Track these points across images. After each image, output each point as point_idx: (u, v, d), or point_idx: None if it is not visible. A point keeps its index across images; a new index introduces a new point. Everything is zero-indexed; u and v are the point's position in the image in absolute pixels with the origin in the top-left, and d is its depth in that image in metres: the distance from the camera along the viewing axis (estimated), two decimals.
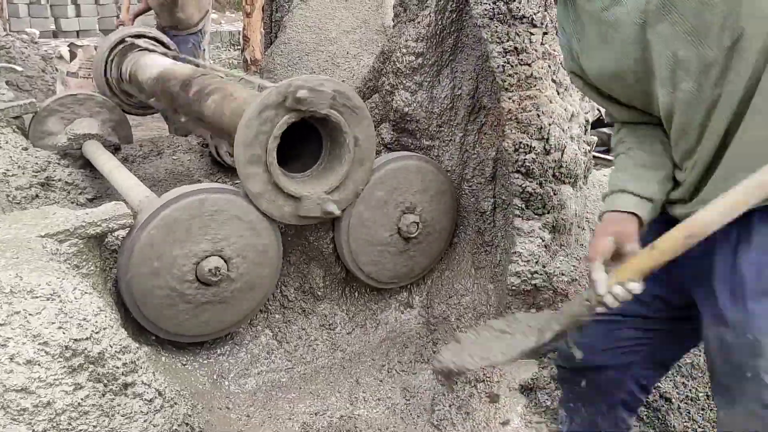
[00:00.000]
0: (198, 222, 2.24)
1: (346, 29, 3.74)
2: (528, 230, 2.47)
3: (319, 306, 2.74)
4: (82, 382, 1.60)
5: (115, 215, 2.05)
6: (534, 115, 2.39)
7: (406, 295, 2.90)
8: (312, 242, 2.68)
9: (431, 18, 2.63)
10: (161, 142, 3.99)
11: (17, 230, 1.90)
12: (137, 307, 2.22)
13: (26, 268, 1.68)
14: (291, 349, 2.60)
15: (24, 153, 3.25)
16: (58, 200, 3.23)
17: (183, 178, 3.67)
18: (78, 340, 1.61)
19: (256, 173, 2.30)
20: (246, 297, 2.43)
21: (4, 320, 1.55)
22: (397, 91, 2.77)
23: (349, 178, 2.50)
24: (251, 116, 2.21)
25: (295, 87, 2.23)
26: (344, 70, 3.55)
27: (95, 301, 1.73)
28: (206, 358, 2.47)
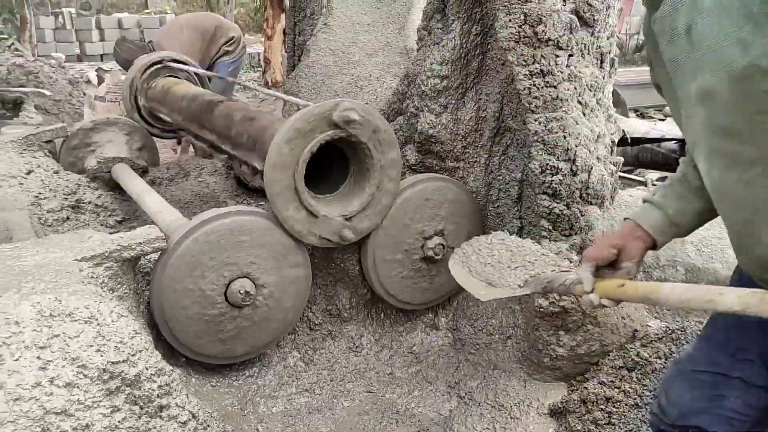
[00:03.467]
0: (228, 244, 2.27)
1: (368, 52, 3.78)
2: (555, 251, 2.47)
3: (345, 327, 2.75)
4: (120, 404, 1.62)
5: (149, 239, 2.09)
6: (560, 137, 2.40)
7: (432, 317, 2.90)
8: (338, 264, 2.70)
9: (456, 42, 2.66)
10: (187, 165, 4.05)
11: (54, 254, 1.94)
12: (169, 328, 2.25)
13: (65, 292, 1.71)
14: (318, 371, 2.61)
15: (55, 176, 3.33)
16: (88, 222, 3.29)
17: (209, 200, 3.71)
18: (115, 362, 1.64)
19: (285, 195, 2.33)
20: (274, 319, 2.45)
21: (44, 343, 1.58)
22: (422, 113, 2.79)
23: (374, 199, 2.53)
24: (283, 139, 2.25)
25: (345, 108, 2.28)
26: (368, 93, 3.59)
27: (131, 323, 1.76)
28: (235, 379, 2.49)
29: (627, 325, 2.51)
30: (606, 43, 2.57)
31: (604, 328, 2.48)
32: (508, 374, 2.59)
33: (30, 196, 3.12)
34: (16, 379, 1.50)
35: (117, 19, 13.56)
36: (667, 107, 8.29)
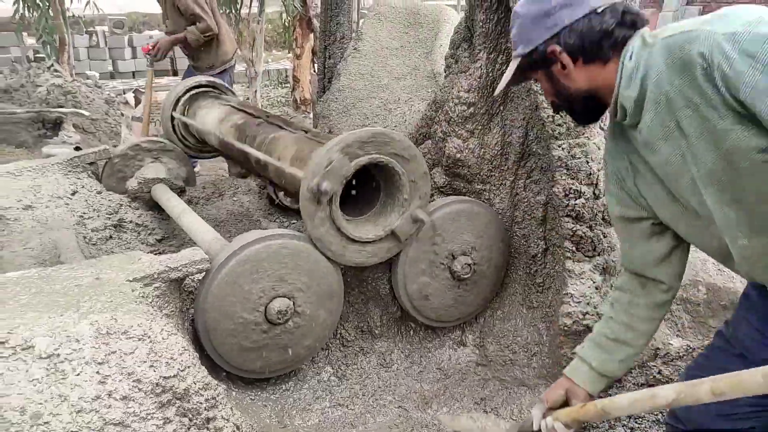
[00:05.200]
0: (267, 266, 2.40)
1: (397, 76, 3.91)
2: (579, 272, 2.56)
3: (376, 344, 2.86)
4: (171, 416, 1.74)
5: (194, 260, 2.22)
6: (583, 162, 2.49)
7: (460, 334, 3.00)
8: (370, 283, 2.82)
9: (482, 70, 2.77)
10: (222, 184, 4.21)
11: (108, 275, 2.08)
12: (212, 344, 2.38)
13: (120, 311, 1.85)
14: (351, 386, 2.71)
15: (98, 196, 3.49)
16: (129, 241, 3.44)
17: (243, 219, 3.85)
18: (166, 377, 1.76)
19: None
20: (310, 336, 2.57)
21: (102, 359, 1.71)
22: (450, 138, 2.90)
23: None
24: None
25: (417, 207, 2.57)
26: (396, 116, 3.71)
27: (180, 341, 1.89)
28: (272, 393, 2.61)
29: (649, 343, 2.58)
30: None
31: None
32: (533, 391, 2.67)
33: (75, 216, 3.28)
34: (78, 392, 1.63)
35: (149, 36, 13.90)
36: None
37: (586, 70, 1.45)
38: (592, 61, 1.44)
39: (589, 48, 1.42)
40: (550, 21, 1.43)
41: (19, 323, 1.70)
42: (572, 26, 1.41)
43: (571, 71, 1.46)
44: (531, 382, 2.73)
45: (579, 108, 1.55)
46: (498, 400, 2.71)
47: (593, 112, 1.54)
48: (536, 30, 1.46)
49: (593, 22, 1.39)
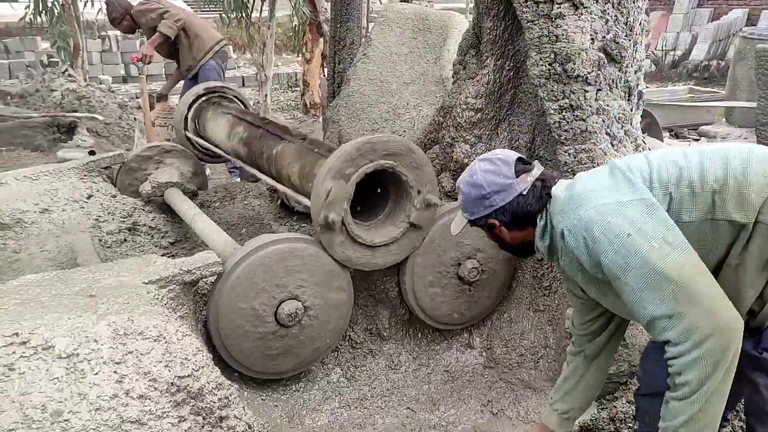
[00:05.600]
0: (279, 269, 2.46)
1: (406, 81, 3.95)
2: None
3: (385, 346, 2.91)
4: (185, 415, 1.80)
5: (207, 263, 2.28)
6: (589, 167, 2.52)
7: (467, 336, 3.04)
8: (379, 286, 2.87)
9: (490, 77, 2.82)
10: (233, 188, 4.27)
11: (124, 277, 2.15)
12: (224, 345, 2.44)
13: (136, 312, 1.91)
14: (360, 387, 2.76)
15: (113, 200, 3.55)
16: (143, 244, 3.51)
17: (254, 222, 3.91)
18: (181, 377, 1.82)
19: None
20: (319, 337, 2.63)
21: (120, 359, 1.77)
22: (457, 143, 2.95)
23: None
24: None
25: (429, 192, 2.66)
26: (405, 120, 3.75)
27: (194, 341, 1.95)
28: (283, 393, 2.66)
29: None
30: (633, 77, 2.70)
31: (633, 349, 2.58)
32: (540, 393, 2.71)
33: (91, 219, 3.35)
34: (96, 391, 1.69)
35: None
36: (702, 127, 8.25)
37: (519, 231, 1.85)
38: (523, 227, 1.83)
39: (520, 220, 1.81)
40: (487, 202, 1.81)
41: (39, 324, 1.76)
42: (504, 207, 1.80)
43: (507, 234, 1.87)
44: (538, 385, 2.77)
45: (515, 251, 1.97)
46: (505, 402, 2.75)
47: (527, 252, 1.95)
48: (477, 207, 1.84)
49: (520, 203, 1.79)
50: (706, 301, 1.52)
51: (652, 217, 1.57)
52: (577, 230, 1.64)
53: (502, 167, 1.81)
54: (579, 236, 1.64)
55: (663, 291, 1.53)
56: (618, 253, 1.56)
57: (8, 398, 1.60)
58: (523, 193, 1.78)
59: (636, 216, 1.57)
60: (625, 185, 1.64)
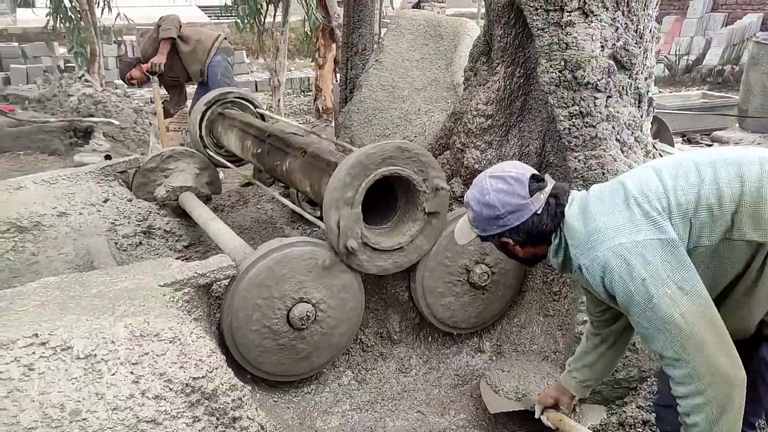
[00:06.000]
0: (291, 272, 2.50)
1: (417, 87, 3.99)
2: None
3: (395, 349, 2.94)
4: (200, 415, 1.84)
5: (221, 267, 2.33)
6: (599, 173, 2.55)
7: (477, 340, 3.06)
8: (389, 290, 2.90)
9: (500, 83, 2.84)
10: (247, 192, 4.32)
11: (141, 280, 2.19)
12: (237, 347, 2.48)
13: (152, 314, 1.95)
14: (370, 390, 2.79)
15: (129, 204, 3.61)
16: (158, 247, 3.56)
17: (267, 226, 3.96)
18: (196, 378, 1.86)
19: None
20: (331, 340, 2.66)
21: (136, 360, 1.81)
22: (468, 149, 2.98)
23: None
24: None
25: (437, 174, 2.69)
26: (416, 126, 3.79)
27: (208, 343, 1.99)
28: (295, 395, 2.70)
29: None
30: (644, 84, 2.71)
31: (642, 354, 2.59)
32: None
33: (107, 223, 3.41)
34: (113, 391, 1.73)
35: None
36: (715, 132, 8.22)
37: (532, 248, 1.86)
38: (538, 245, 1.84)
39: (534, 239, 1.81)
40: (500, 222, 1.79)
41: (58, 325, 1.80)
42: (518, 227, 1.78)
43: (519, 251, 1.87)
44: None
45: (525, 262, 1.98)
46: None
47: (537, 262, 1.99)
48: (489, 226, 1.82)
49: (535, 222, 1.77)
50: (711, 350, 1.55)
51: (668, 258, 1.57)
52: (594, 269, 1.65)
53: (516, 186, 1.77)
54: (596, 275, 1.66)
55: (671, 337, 1.57)
56: (632, 296, 1.59)
57: (28, 397, 1.64)
58: (538, 212, 1.76)
59: (652, 258, 1.57)
60: (642, 220, 1.62)
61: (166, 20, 5.64)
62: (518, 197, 1.76)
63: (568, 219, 1.76)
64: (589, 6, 2.52)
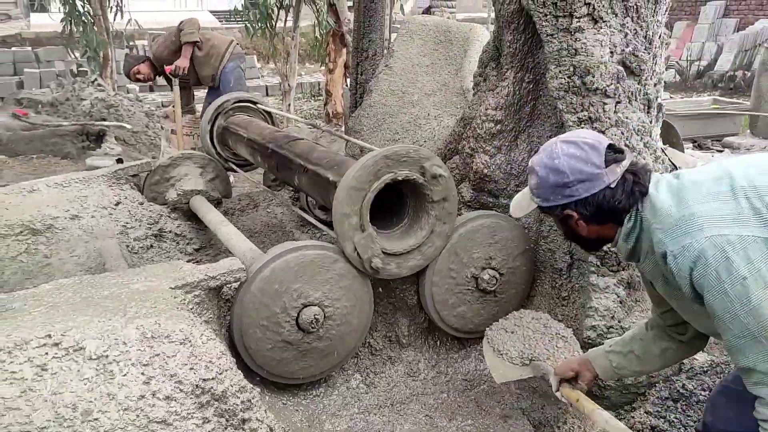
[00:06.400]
0: (300, 275, 2.51)
1: (427, 92, 4.01)
2: (603, 286, 2.61)
3: (404, 353, 2.95)
4: (209, 416, 1.85)
5: (231, 269, 2.35)
6: None
7: None
8: (398, 294, 2.91)
9: (510, 89, 2.86)
10: (257, 196, 4.35)
11: (152, 282, 2.22)
12: (246, 350, 2.50)
13: (163, 316, 1.97)
14: (379, 393, 2.80)
15: (140, 207, 3.65)
16: (168, 250, 3.59)
17: (276, 230, 3.98)
18: (206, 379, 1.88)
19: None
20: (339, 343, 2.68)
21: (147, 361, 1.83)
22: (477, 154, 2.99)
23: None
24: (371, 158, 2.50)
25: (432, 162, 2.62)
26: (426, 131, 3.80)
27: (218, 345, 2.01)
28: (303, 398, 2.71)
29: None
30: (653, 89, 2.72)
31: None
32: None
33: (118, 226, 3.45)
34: (124, 391, 1.75)
35: None
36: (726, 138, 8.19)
37: (597, 227, 1.68)
38: (604, 223, 1.66)
39: (603, 215, 1.63)
40: (567, 191, 1.62)
41: (71, 326, 1.83)
42: (587, 199, 1.61)
43: (583, 227, 1.69)
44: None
45: (587, 246, 1.83)
46: (522, 411, 2.76)
47: (597, 247, 1.86)
48: (554, 195, 1.65)
49: (607, 196, 1.59)
50: None
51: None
52: (685, 258, 1.48)
53: (591, 154, 1.59)
54: (685, 265, 1.48)
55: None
56: (726, 295, 1.43)
57: (41, 397, 1.66)
58: (612, 185, 1.58)
59: (755, 256, 1.41)
60: (750, 214, 1.45)
61: (187, 24, 5.68)
62: (591, 165, 1.59)
63: (655, 200, 1.57)
64: (598, 12, 2.53)
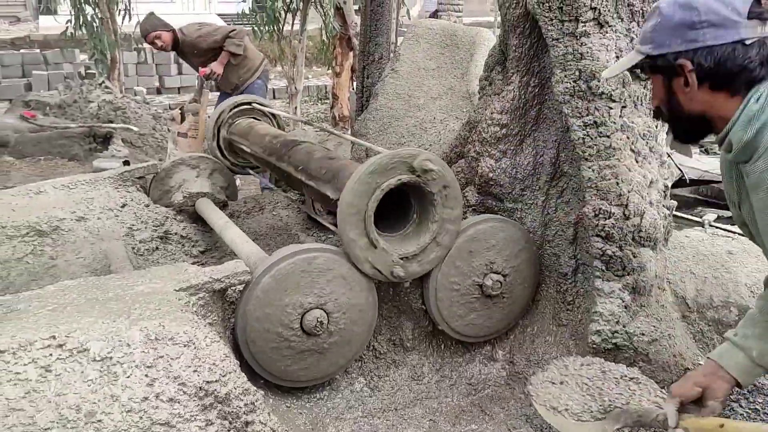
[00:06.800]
0: (305, 278, 2.52)
1: (433, 96, 4.01)
2: (608, 291, 2.60)
3: (408, 357, 2.94)
4: (213, 419, 1.86)
5: (236, 272, 2.35)
6: (613, 183, 2.55)
7: (490, 349, 3.06)
8: (402, 297, 2.91)
9: (515, 93, 2.85)
10: (262, 199, 4.35)
11: (157, 284, 2.22)
12: (251, 352, 2.50)
13: (167, 318, 1.97)
14: (383, 397, 2.80)
15: (146, 209, 3.66)
16: (174, 252, 3.60)
17: (282, 233, 3.98)
18: (209, 382, 1.88)
19: (356, 233, 2.57)
20: (344, 347, 2.68)
21: (151, 363, 1.83)
22: (483, 158, 2.99)
23: (437, 238, 2.72)
24: (357, 181, 2.50)
25: (425, 158, 2.57)
26: (432, 134, 3.81)
27: (221, 348, 2.01)
28: (307, 401, 2.71)
29: (678, 363, 2.61)
30: None
31: (656, 365, 2.58)
32: None
33: (124, 228, 3.45)
34: (128, 393, 1.75)
35: None
36: None
37: (708, 94, 1.41)
38: (719, 90, 1.40)
39: (723, 76, 1.37)
40: (691, 34, 1.37)
41: (75, 327, 1.83)
42: (713, 48, 1.36)
43: (694, 91, 1.42)
44: None
45: (684, 126, 1.51)
46: (526, 417, 2.75)
47: (696, 135, 1.53)
48: (673, 37, 1.39)
49: (737, 52, 1.35)
50: None
51: None
52: None
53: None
54: None
55: None
56: None
57: (45, 398, 1.67)
58: (746, 42, 1.33)
59: None
60: None
61: (238, 34, 5.69)
62: (732, 11, 1.34)
63: None
64: (604, 16, 2.53)
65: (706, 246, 3.08)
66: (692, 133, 1.52)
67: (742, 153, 1.38)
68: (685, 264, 2.97)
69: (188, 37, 5.86)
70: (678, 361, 2.62)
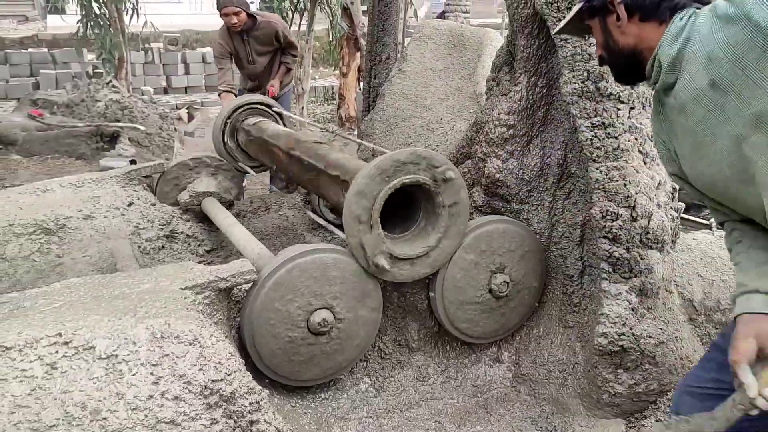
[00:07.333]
0: (311, 278, 2.51)
1: (440, 97, 4.00)
2: (615, 293, 2.59)
3: (413, 357, 2.94)
4: (218, 417, 1.86)
5: (242, 271, 2.35)
6: (621, 185, 2.54)
7: (496, 351, 3.05)
8: (408, 298, 2.90)
9: (523, 93, 2.85)
10: (268, 199, 4.35)
11: (163, 283, 2.22)
12: (256, 351, 2.50)
13: (173, 317, 1.97)
14: (388, 398, 2.79)
15: (152, 208, 3.66)
16: (180, 251, 3.60)
17: (287, 233, 3.98)
18: (215, 380, 1.88)
19: (360, 230, 2.57)
20: (349, 347, 2.67)
21: (156, 361, 1.83)
22: (490, 158, 2.98)
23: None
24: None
25: (445, 166, 2.60)
26: (438, 135, 3.80)
27: (227, 346, 2.01)
28: (312, 401, 2.70)
29: (685, 365, 2.60)
30: None
31: (663, 368, 2.57)
32: (568, 409, 2.70)
33: (131, 226, 3.46)
34: (133, 391, 1.75)
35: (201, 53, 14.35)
36: None
37: (638, 27, 1.47)
38: (647, 20, 1.46)
39: (649, 6, 1.44)
40: None
41: (82, 325, 1.83)
42: None
43: (625, 24, 1.48)
44: (566, 401, 2.76)
45: (621, 64, 1.57)
46: (531, 419, 2.75)
47: (633, 73, 1.57)
48: None
49: None
50: None
51: None
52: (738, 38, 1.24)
53: None
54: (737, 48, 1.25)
55: None
56: None
57: (51, 396, 1.67)
58: None
59: None
60: None
61: (296, 50, 5.55)
62: None
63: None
64: None
65: (713, 248, 3.06)
66: (629, 72, 1.57)
67: (671, 71, 1.42)
68: (692, 266, 2.96)
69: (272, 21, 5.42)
70: (685, 363, 2.60)
